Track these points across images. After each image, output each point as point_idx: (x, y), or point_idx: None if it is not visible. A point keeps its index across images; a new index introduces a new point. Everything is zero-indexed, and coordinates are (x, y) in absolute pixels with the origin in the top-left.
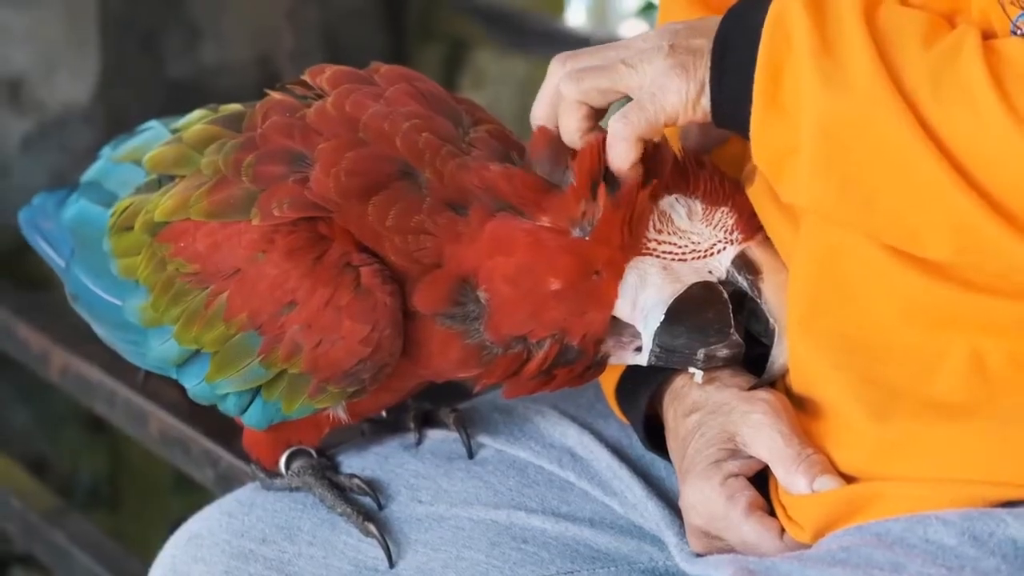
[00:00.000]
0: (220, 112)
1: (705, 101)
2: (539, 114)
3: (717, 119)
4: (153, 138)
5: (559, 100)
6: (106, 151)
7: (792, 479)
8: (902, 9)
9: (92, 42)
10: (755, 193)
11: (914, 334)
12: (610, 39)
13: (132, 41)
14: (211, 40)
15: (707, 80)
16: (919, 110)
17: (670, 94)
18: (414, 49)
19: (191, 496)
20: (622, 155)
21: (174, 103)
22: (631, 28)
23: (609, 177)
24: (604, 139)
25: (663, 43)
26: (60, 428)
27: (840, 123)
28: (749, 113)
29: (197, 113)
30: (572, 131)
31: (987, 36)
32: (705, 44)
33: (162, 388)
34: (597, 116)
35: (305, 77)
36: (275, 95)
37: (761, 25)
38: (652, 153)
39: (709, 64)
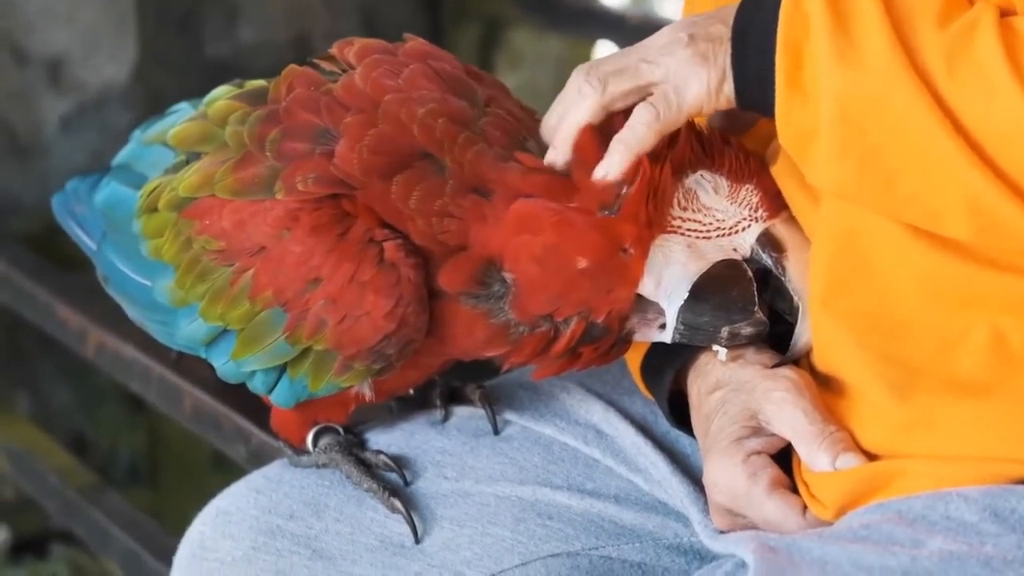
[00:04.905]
0: (245, 88)
1: (728, 87)
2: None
3: (742, 103)
4: (182, 119)
5: (579, 101)
6: (136, 134)
7: (815, 456)
8: None
9: (131, 23)
10: (779, 172)
11: (935, 312)
12: (646, 19)
13: (170, 22)
14: (248, 20)
15: (728, 66)
16: (935, 89)
17: (692, 83)
18: (450, 29)
19: (229, 474)
20: (641, 141)
21: (212, 83)
22: (671, 7)
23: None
24: (591, 130)
25: (682, 34)
26: (100, 406)
27: (857, 103)
28: (773, 95)
29: (222, 89)
30: (572, 130)
31: (1006, 14)
32: (724, 31)
33: (195, 366)
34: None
35: (332, 51)
36: (298, 68)
37: (779, 7)
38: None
39: (730, 49)
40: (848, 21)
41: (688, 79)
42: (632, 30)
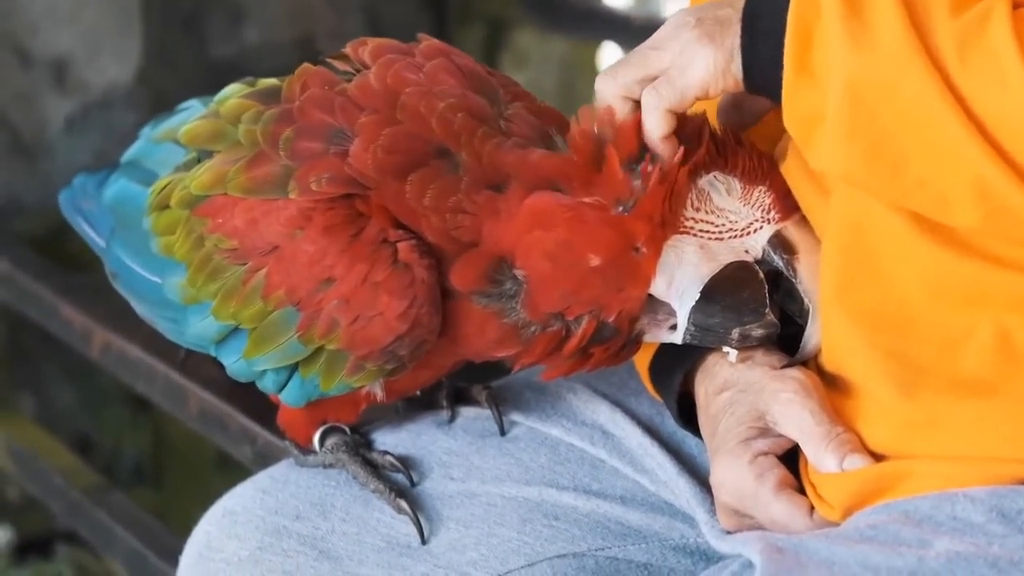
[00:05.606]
0: (257, 86)
1: (736, 68)
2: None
3: (749, 85)
4: (192, 117)
5: (598, 96)
6: (146, 131)
7: (822, 457)
8: None
9: (135, 23)
10: (788, 169)
11: (940, 310)
12: (651, 20)
13: (175, 22)
14: (253, 21)
15: (736, 47)
16: (947, 75)
17: (698, 63)
18: (455, 29)
19: (234, 474)
20: (654, 126)
21: (216, 84)
22: (676, 8)
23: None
24: (639, 118)
25: (689, 18)
26: (104, 407)
27: (867, 85)
28: (781, 78)
29: (233, 87)
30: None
31: (1019, 6)
32: (732, 14)
33: (201, 366)
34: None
35: (346, 50)
36: (311, 67)
37: None
38: (690, 130)
39: (739, 31)
40: (861, 4)
41: (693, 58)
42: (637, 31)
